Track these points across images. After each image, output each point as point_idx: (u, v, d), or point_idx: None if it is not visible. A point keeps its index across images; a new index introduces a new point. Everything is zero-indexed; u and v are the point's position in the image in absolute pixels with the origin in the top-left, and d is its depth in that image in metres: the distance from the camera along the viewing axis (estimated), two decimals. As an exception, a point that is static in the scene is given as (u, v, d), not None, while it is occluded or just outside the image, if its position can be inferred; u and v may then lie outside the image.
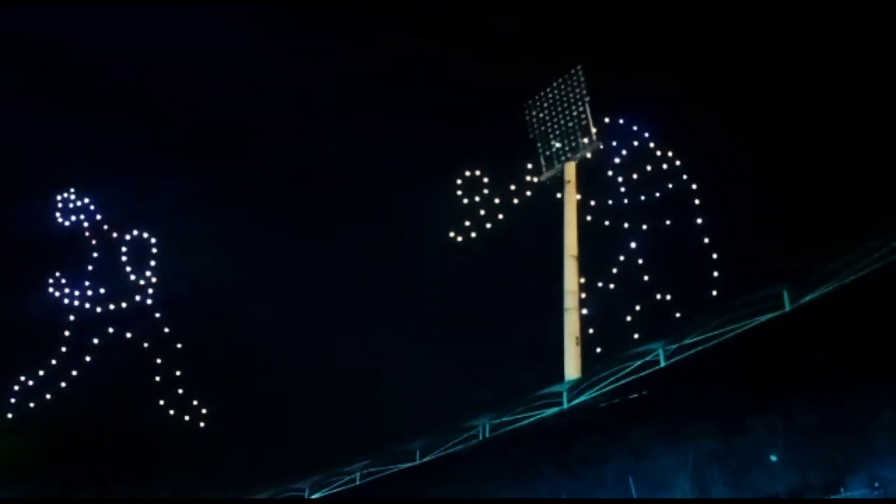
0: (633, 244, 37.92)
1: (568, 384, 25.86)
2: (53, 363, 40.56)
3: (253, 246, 43.55)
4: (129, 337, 41.60)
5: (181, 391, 40.62)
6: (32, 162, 43.69)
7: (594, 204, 39.17)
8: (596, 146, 39.14)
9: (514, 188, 40.62)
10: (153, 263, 43.26)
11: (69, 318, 41.75)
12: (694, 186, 38.55)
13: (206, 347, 42.09)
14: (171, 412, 40.26)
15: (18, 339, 40.12)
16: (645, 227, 38.15)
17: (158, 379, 40.75)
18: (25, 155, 43.05)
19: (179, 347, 41.51)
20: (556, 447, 24.24)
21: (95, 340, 41.28)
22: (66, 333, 41.31)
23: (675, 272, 37.05)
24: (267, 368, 42.00)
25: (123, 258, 43.22)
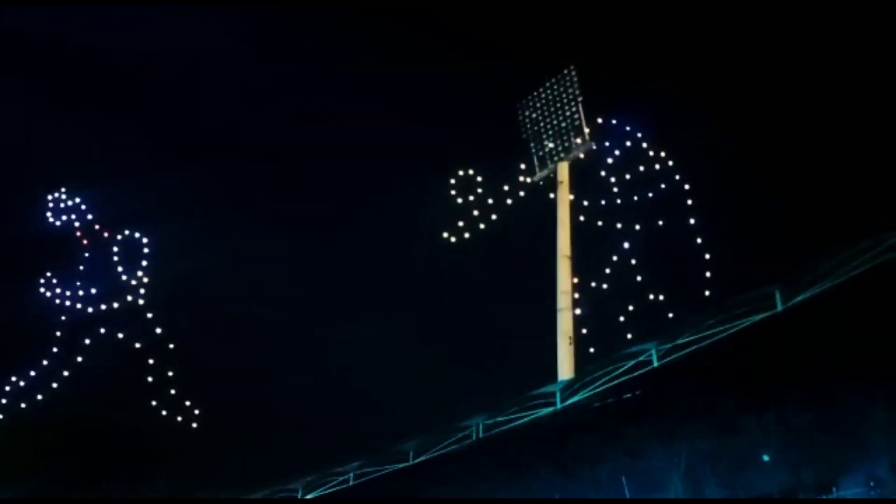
0: (626, 244, 38.01)
1: (561, 384, 25.85)
2: (45, 364, 40.38)
3: (246, 246, 43.48)
4: (121, 337, 41.45)
5: (174, 392, 40.50)
6: (23, 161, 43.53)
7: (587, 204, 39.23)
8: (589, 146, 39.19)
9: (507, 188, 40.62)
10: (145, 263, 43.12)
11: (60, 318, 41.58)
12: (687, 187, 38.68)
13: (198, 348, 41.99)
14: (163, 413, 40.14)
15: (9, 339, 39.93)
16: (638, 227, 38.26)
17: (151, 379, 40.61)
18: (16, 154, 42.86)
19: (172, 348, 41.38)
20: (549, 447, 24.25)
21: (87, 341, 41.12)
22: (57, 334, 41.13)
23: (668, 272, 37.16)
24: (260, 369, 41.93)
25: (115, 258, 43.06)
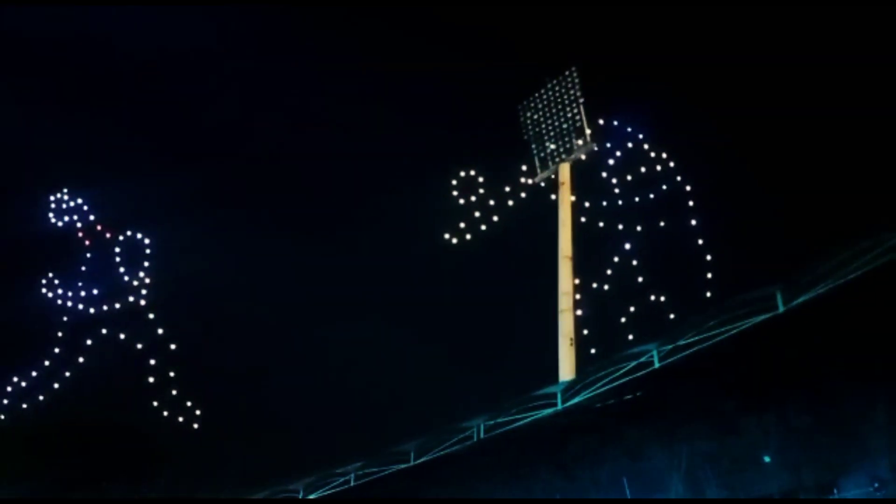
0: (627, 245, 38.01)
1: (562, 385, 25.85)
2: (46, 364, 40.43)
3: (247, 247, 43.53)
4: (122, 338, 41.48)
5: (175, 392, 40.52)
6: (25, 162, 43.59)
7: (588, 205, 39.25)
8: (590, 147, 39.22)
9: (508, 189, 40.66)
10: (147, 264, 43.16)
11: (62, 318, 41.63)
12: (688, 188, 38.69)
13: (199, 348, 42.01)
14: (164, 413, 40.16)
15: (11, 340, 39.98)
16: (639, 228, 38.26)
17: (152, 380, 40.64)
18: (18, 155, 42.94)
19: (173, 348, 41.40)
20: (550, 448, 24.26)
21: (89, 341, 41.17)
22: (59, 334, 41.18)
23: (669, 273, 37.16)
24: (261, 369, 41.94)
25: (117, 259, 43.10)
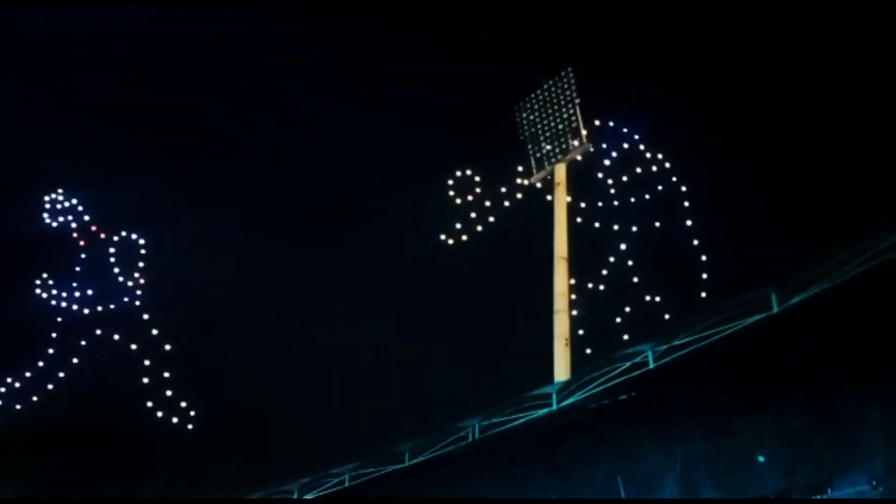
0: (622, 246, 38.04)
1: (557, 385, 25.86)
2: (41, 365, 40.31)
3: (242, 248, 43.44)
4: (116, 338, 41.38)
5: (170, 393, 40.43)
6: (20, 162, 43.48)
7: (584, 206, 39.27)
8: (586, 148, 39.25)
9: (504, 190, 40.67)
10: (141, 265, 43.06)
11: (57, 319, 41.51)
12: (683, 189, 38.73)
13: (194, 349, 41.91)
14: (159, 414, 40.06)
15: (5, 340, 39.83)
16: (635, 229, 38.29)
17: (146, 380, 40.54)
18: (13, 155, 42.84)
19: (168, 349, 41.32)
20: (545, 448, 24.26)
21: (83, 342, 41.06)
22: (53, 335, 41.08)
23: (664, 274, 37.20)
24: (256, 370, 41.84)
25: (111, 259, 43.01)
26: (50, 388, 39.99)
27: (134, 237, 43.43)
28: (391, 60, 45.18)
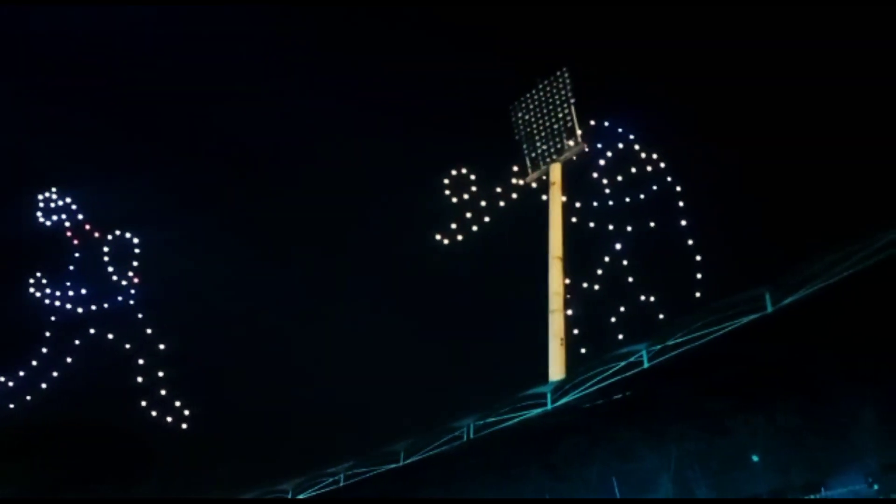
0: (617, 246, 38.10)
1: (552, 385, 25.85)
2: (34, 364, 40.19)
3: (236, 247, 43.40)
4: (110, 338, 41.29)
5: (163, 392, 40.36)
6: (14, 161, 43.33)
7: (579, 206, 39.32)
8: (581, 148, 39.28)
9: (499, 190, 40.69)
10: (135, 264, 42.97)
11: (50, 318, 41.40)
12: (678, 188, 38.80)
13: (188, 348, 41.86)
14: (153, 413, 40.00)
15: (-1, 339, 39.79)
16: (629, 228, 38.35)
17: (141, 380, 40.46)
18: (7, 154, 42.69)
19: (162, 348, 41.25)
20: (540, 448, 24.27)
21: (77, 341, 40.95)
22: (47, 334, 40.95)
23: (659, 274, 37.26)
24: (250, 370, 41.82)
25: (105, 258, 42.91)
26: (43, 387, 39.89)
27: (128, 236, 43.36)
28: (386, 60, 45.20)
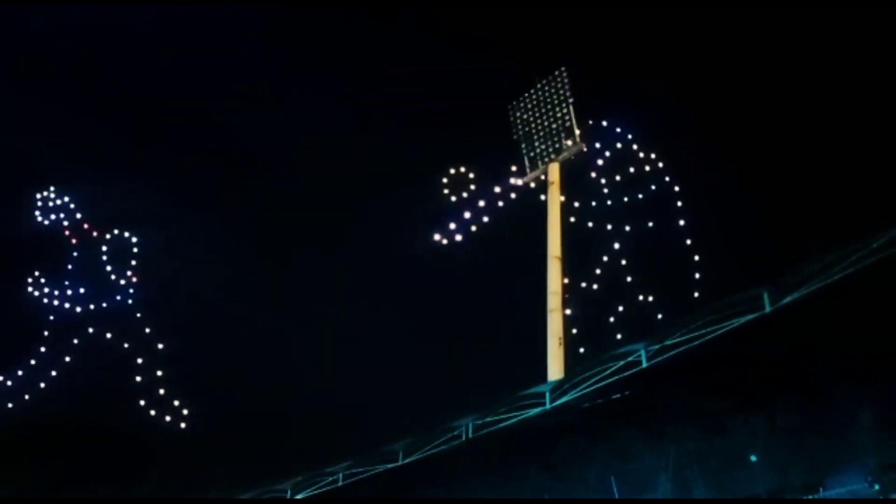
0: (616, 245, 38.12)
1: (551, 385, 25.84)
2: (33, 363, 40.16)
3: (236, 247, 43.41)
4: (109, 337, 41.27)
5: (162, 392, 40.35)
6: (12, 160, 43.31)
7: (578, 205, 39.33)
8: (580, 148, 39.29)
9: (498, 189, 40.67)
10: (134, 263, 42.96)
11: (49, 317, 41.37)
12: (677, 188, 38.82)
13: (187, 348, 41.85)
14: (152, 413, 39.99)
15: (-3, 338, 39.75)
16: (628, 228, 38.38)
17: (139, 379, 40.45)
18: (4, 153, 42.65)
19: (161, 348, 41.24)
20: (539, 447, 24.27)
21: (75, 341, 40.93)
22: (45, 333, 40.94)
23: (657, 273, 37.29)
24: (249, 370, 41.83)
25: (104, 257, 42.88)
26: (42, 386, 39.87)
27: (127, 235, 43.35)
28: (384, 60, 45.22)
